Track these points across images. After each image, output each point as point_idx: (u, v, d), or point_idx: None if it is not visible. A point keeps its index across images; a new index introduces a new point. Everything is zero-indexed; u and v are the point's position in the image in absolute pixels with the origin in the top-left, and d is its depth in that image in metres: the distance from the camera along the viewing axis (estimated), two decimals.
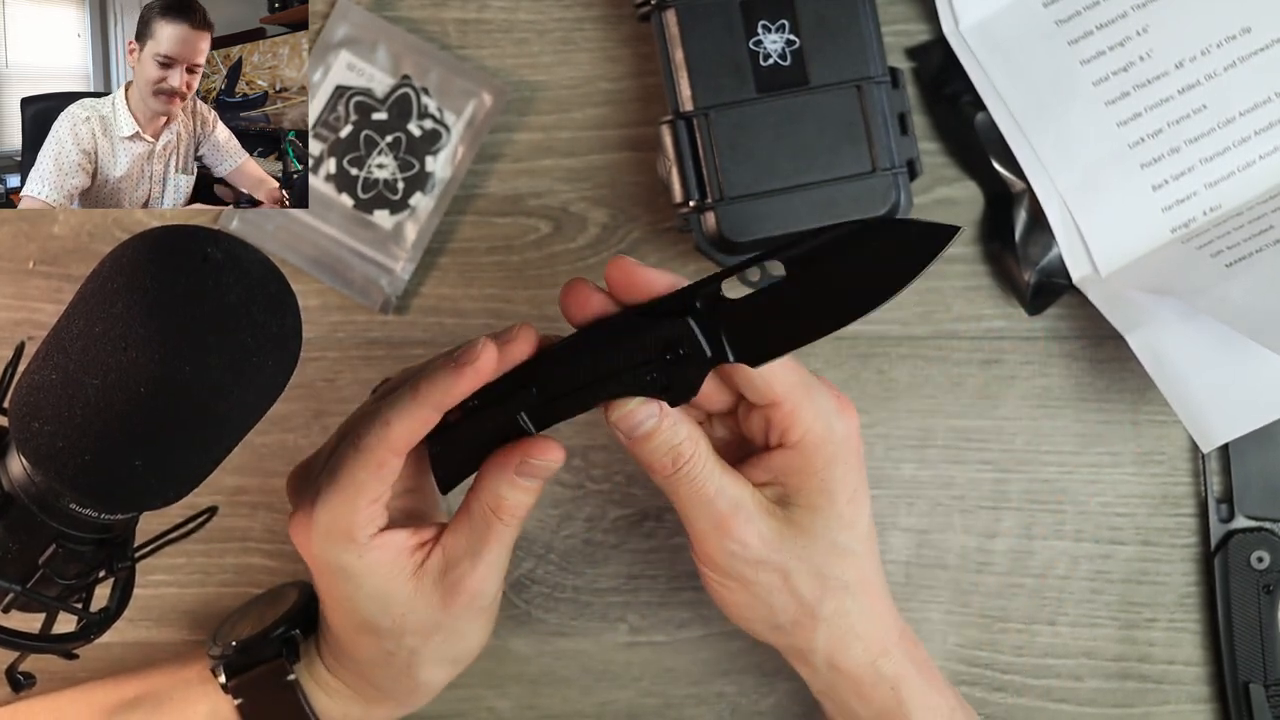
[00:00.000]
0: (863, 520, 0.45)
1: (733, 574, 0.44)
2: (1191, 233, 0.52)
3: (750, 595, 0.45)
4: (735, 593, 0.45)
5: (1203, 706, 0.54)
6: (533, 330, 0.43)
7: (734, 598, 0.45)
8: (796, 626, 0.45)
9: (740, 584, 0.45)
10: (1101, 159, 0.52)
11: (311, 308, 0.54)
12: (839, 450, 0.44)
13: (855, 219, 0.46)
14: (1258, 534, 0.53)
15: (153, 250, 0.39)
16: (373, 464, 0.42)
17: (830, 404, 0.44)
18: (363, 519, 0.43)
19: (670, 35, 0.49)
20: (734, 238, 0.49)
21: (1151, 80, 0.52)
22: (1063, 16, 0.52)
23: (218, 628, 0.52)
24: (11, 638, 0.43)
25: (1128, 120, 0.52)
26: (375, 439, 0.42)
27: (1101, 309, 0.51)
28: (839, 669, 0.46)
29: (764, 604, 0.45)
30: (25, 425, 0.39)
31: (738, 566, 0.44)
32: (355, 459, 0.42)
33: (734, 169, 0.49)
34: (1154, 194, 0.52)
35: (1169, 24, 0.52)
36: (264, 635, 0.49)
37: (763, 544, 0.44)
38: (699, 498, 0.43)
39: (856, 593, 0.45)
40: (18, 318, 0.54)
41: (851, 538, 0.45)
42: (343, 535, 0.43)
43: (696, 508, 0.43)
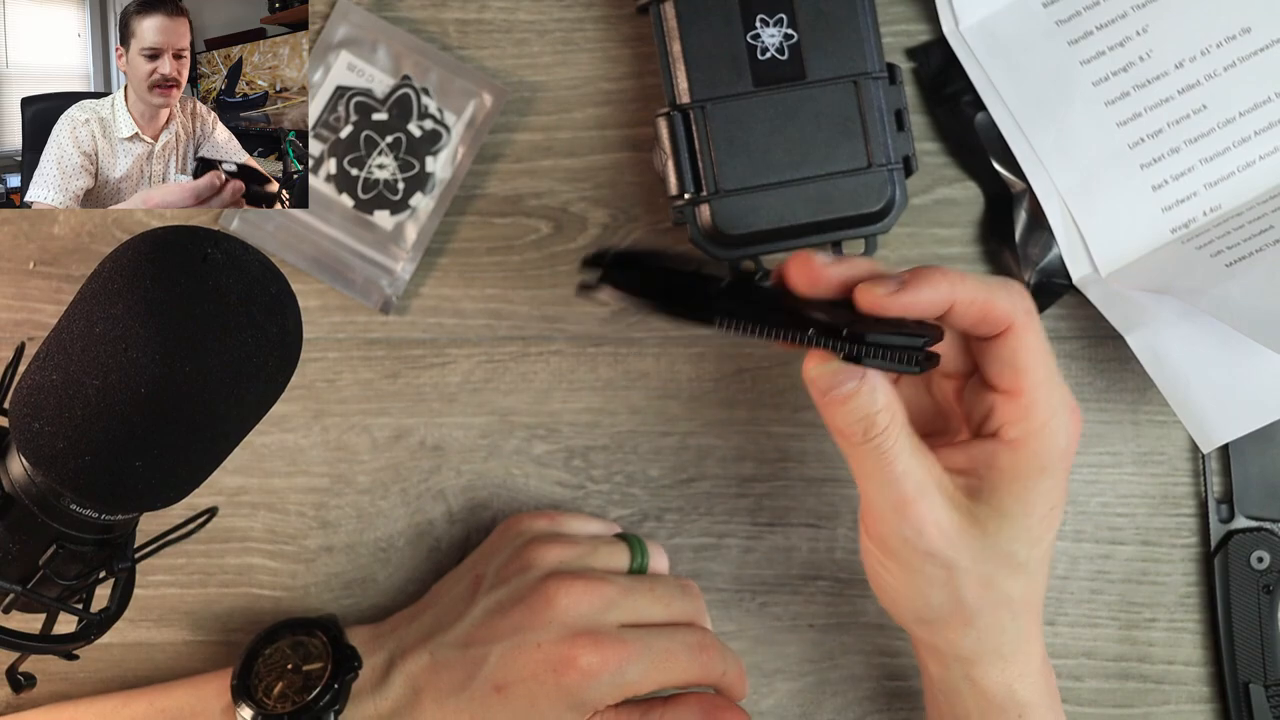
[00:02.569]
0: (1048, 539, 0.42)
1: (898, 558, 0.42)
2: (1192, 233, 0.52)
3: (908, 583, 0.42)
4: (894, 576, 0.43)
5: (1203, 706, 0.54)
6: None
7: (891, 580, 0.43)
8: (944, 626, 0.43)
9: (902, 569, 0.42)
10: (1101, 159, 0.52)
11: (311, 308, 0.54)
12: (1055, 463, 0.41)
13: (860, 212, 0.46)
14: (1258, 534, 0.53)
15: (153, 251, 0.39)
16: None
17: (1065, 412, 0.41)
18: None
19: (669, 28, 0.49)
20: (728, 231, 0.49)
21: (1151, 80, 0.52)
22: (1063, 16, 0.52)
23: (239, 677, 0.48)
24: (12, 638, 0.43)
25: (1128, 120, 0.52)
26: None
27: (1101, 309, 0.51)
28: (974, 682, 0.44)
29: (920, 596, 0.42)
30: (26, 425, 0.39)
31: (905, 552, 0.41)
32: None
33: (729, 162, 0.49)
34: (1154, 194, 0.52)
35: (1169, 24, 0.52)
36: (310, 709, 0.47)
37: (940, 536, 0.41)
38: (884, 474, 0.40)
39: (1018, 612, 0.43)
40: (18, 318, 0.54)
41: (1032, 555, 0.42)
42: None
43: (878, 483, 0.41)
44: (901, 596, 0.43)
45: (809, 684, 0.54)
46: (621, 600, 0.47)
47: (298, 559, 0.54)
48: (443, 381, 0.54)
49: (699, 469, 0.54)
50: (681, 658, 0.47)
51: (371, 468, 0.54)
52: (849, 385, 0.39)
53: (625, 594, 0.47)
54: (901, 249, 0.54)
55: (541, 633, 0.46)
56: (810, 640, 0.54)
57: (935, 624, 0.43)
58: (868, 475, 0.41)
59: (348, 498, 0.54)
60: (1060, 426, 0.41)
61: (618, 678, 0.45)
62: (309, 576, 0.54)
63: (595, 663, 0.45)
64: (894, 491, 0.40)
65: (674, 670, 0.46)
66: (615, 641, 0.46)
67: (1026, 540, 0.42)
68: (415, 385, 0.54)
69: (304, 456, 0.54)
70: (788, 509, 0.54)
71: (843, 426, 0.40)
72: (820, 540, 0.54)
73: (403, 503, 0.54)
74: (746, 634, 0.54)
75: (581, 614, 0.46)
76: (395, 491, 0.54)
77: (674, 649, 0.47)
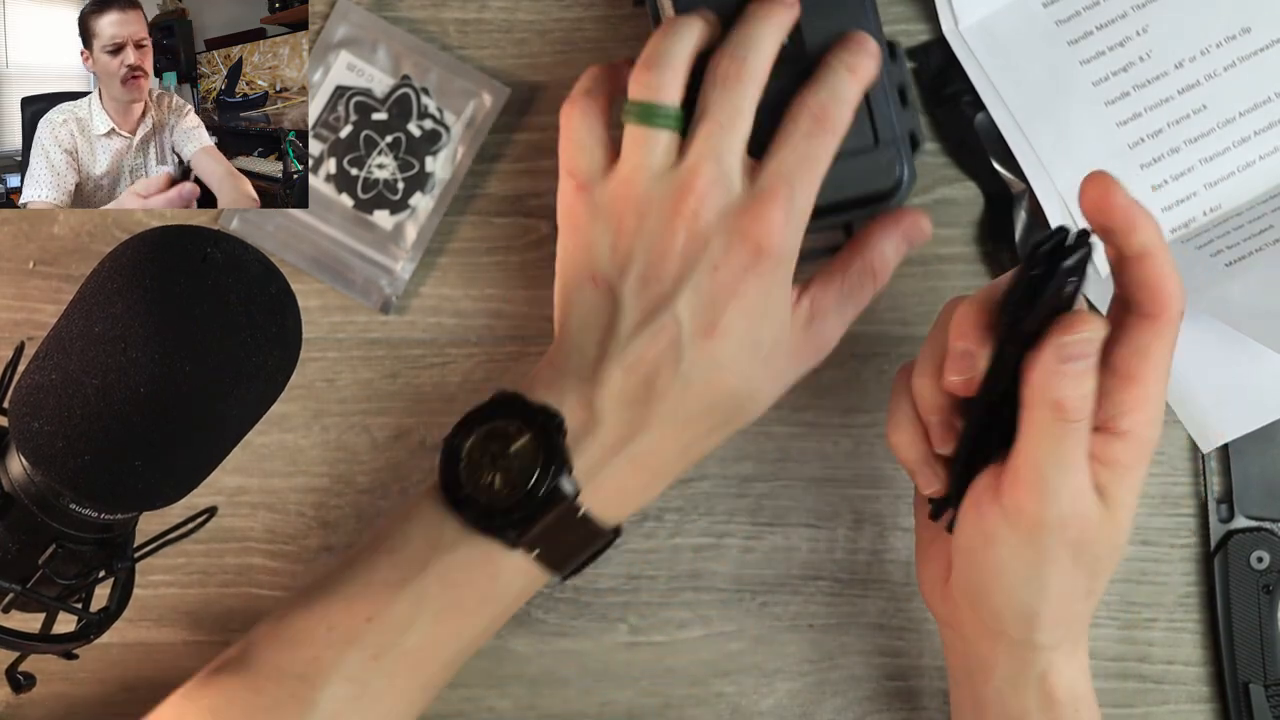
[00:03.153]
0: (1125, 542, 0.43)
1: (1035, 534, 0.41)
2: (1191, 232, 0.52)
3: (1031, 563, 0.42)
4: (1016, 555, 0.42)
5: (1202, 706, 0.54)
6: None
7: (1009, 560, 0.42)
8: (1038, 616, 0.43)
9: (1031, 547, 0.41)
10: (1101, 159, 0.52)
11: (311, 308, 0.54)
12: (1148, 450, 0.41)
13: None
14: (1258, 534, 0.53)
15: (152, 250, 0.39)
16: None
17: (1163, 404, 0.41)
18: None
19: (664, 10, 0.49)
20: None
21: (1151, 80, 0.52)
22: (1063, 16, 0.52)
23: (449, 490, 0.43)
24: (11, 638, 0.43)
25: (1127, 120, 0.52)
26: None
27: (1103, 310, 0.51)
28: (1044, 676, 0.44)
29: (1037, 579, 0.42)
30: (25, 425, 0.39)
31: (1048, 528, 0.41)
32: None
33: None
34: (1154, 194, 0.52)
35: (1169, 24, 0.52)
36: (534, 491, 0.42)
37: (1082, 518, 0.41)
38: (1069, 455, 0.40)
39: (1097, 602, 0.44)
40: (18, 318, 0.54)
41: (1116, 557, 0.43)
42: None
43: (1055, 461, 0.40)
44: (1015, 578, 0.42)
45: (809, 684, 0.54)
46: (723, 162, 0.43)
47: (298, 559, 0.54)
48: (443, 381, 0.54)
49: (699, 469, 0.54)
50: (802, 136, 0.44)
51: (371, 468, 0.54)
52: (1092, 360, 0.39)
53: (719, 154, 0.43)
54: None
55: (704, 259, 0.43)
56: (810, 640, 0.54)
57: (1031, 613, 0.43)
58: (1049, 451, 0.40)
59: (348, 498, 0.54)
60: (1160, 417, 0.41)
61: (794, 212, 0.43)
62: (309, 577, 0.54)
63: (770, 221, 0.43)
64: (1070, 467, 0.40)
65: (821, 152, 0.44)
66: (761, 194, 0.43)
67: (1127, 531, 0.42)
68: (415, 385, 0.54)
69: (304, 456, 0.54)
70: (788, 509, 0.54)
71: (1073, 399, 0.39)
72: (820, 540, 0.54)
73: (402, 503, 0.54)
74: (746, 634, 0.54)
75: (718, 208, 0.43)
76: (395, 491, 0.54)
77: (795, 137, 0.44)
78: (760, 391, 0.45)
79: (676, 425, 0.44)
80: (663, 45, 0.45)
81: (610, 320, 0.44)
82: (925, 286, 0.54)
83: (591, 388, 0.43)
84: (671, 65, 0.44)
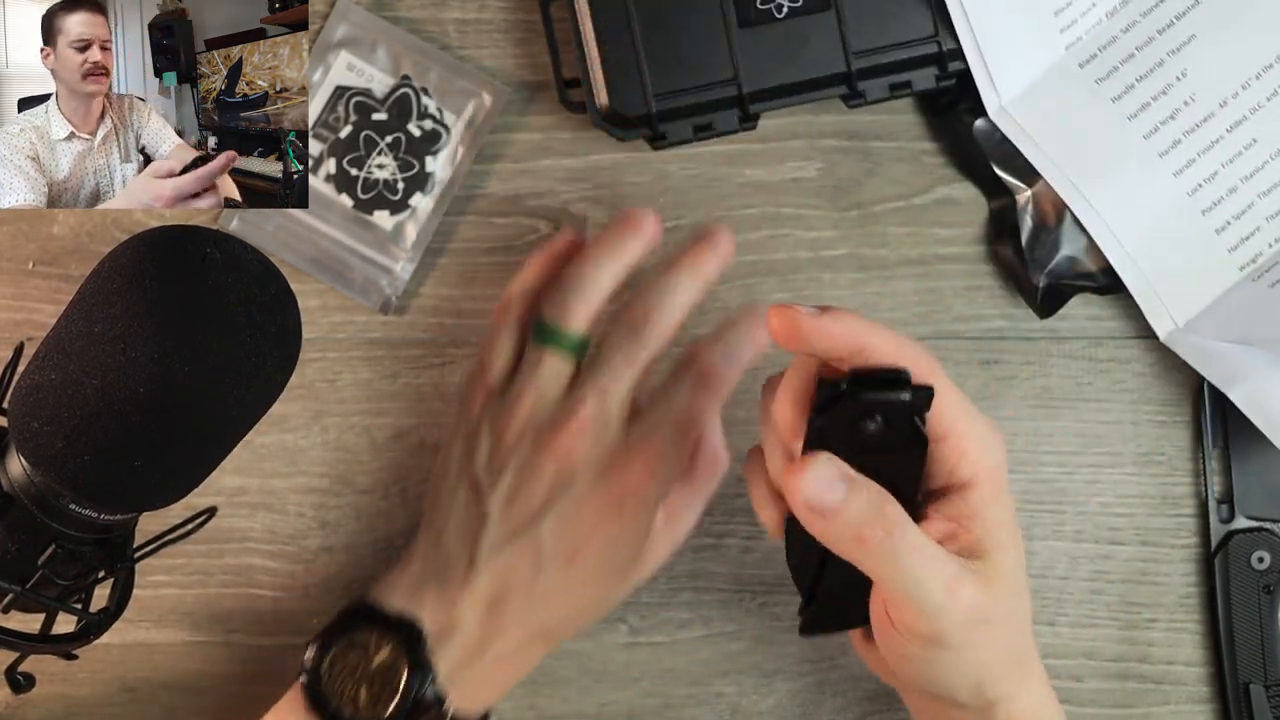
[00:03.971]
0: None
1: (937, 641, 0.39)
2: (1260, 268, 0.51)
3: (951, 661, 0.40)
4: (929, 661, 0.41)
5: (1203, 707, 0.54)
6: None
7: (925, 667, 0.41)
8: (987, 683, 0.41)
9: (942, 649, 0.40)
10: (1164, 212, 0.52)
11: (311, 308, 0.54)
12: (1005, 476, 0.40)
13: None
14: (1258, 534, 0.53)
15: (152, 251, 0.39)
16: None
17: (984, 426, 0.40)
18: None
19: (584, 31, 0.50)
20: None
21: (1199, 124, 0.51)
22: (1101, 74, 0.52)
23: (316, 705, 0.44)
24: (11, 638, 0.43)
25: (1183, 169, 0.52)
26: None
27: (1197, 366, 0.51)
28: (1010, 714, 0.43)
29: (964, 664, 0.40)
30: (25, 425, 0.39)
31: (945, 633, 0.39)
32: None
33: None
34: (1218, 237, 0.52)
35: (1206, 63, 0.51)
36: (402, 705, 0.44)
37: (972, 602, 0.38)
38: (908, 564, 0.38)
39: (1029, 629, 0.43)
40: (17, 318, 0.54)
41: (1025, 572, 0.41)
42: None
43: (903, 578, 0.38)
44: (948, 673, 0.41)
45: (809, 684, 0.54)
46: (606, 404, 0.45)
47: (297, 559, 0.54)
48: (443, 381, 0.54)
49: None
50: (686, 392, 0.45)
51: (371, 468, 0.54)
52: (839, 487, 0.37)
53: (604, 395, 0.45)
54: (901, 248, 0.54)
55: (572, 490, 0.45)
56: (810, 640, 0.54)
57: (976, 686, 0.41)
58: (891, 572, 0.38)
59: (347, 498, 0.54)
60: (990, 442, 0.40)
61: (663, 467, 0.45)
62: (309, 577, 0.54)
63: (639, 473, 0.44)
64: (923, 578, 0.38)
65: (691, 405, 0.45)
66: (634, 446, 0.45)
67: (1021, 558, 0.41)
68: (415, 385, 0.54)
69: (304, 457, 0.54)
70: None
71: (861, 532, 0.37)
72: None
73: (403, 503, 0.54)
74: (746, 634, 0.54)
75: (590, 448, 0.45)
76: (395, 492, 0.54)
77: (678, 394, 0.46)
78: (616, 596, 0.48)
79: (533, 629, 0.46)
80: (585, 271, 0.46)
81: (478, 529, 0.46)
82: (925, 286, 0.54)
83: (457, 591, 0.45)
84: (586, 298, 0.46)
